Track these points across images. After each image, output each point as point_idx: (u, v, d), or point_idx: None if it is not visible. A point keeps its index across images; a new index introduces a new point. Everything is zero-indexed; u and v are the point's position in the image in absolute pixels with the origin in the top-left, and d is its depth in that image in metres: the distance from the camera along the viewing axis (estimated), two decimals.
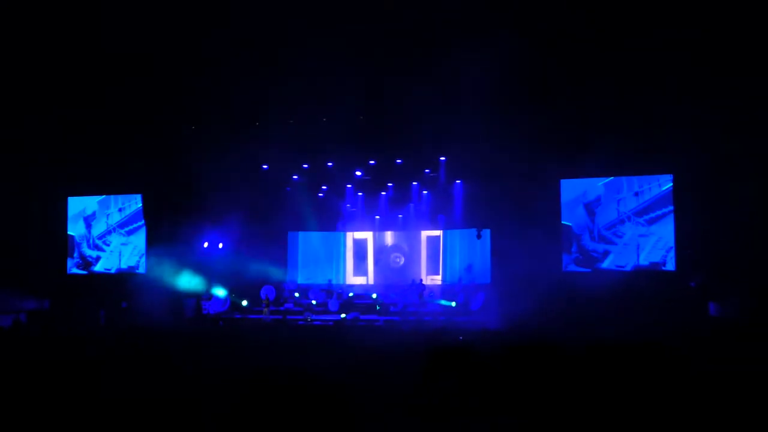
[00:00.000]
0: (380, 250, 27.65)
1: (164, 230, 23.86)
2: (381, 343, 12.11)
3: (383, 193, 26.49)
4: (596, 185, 21.98)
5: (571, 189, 22.26)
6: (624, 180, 21.74)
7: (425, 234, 27.12)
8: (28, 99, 21.95)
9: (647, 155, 20.66)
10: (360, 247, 27.90)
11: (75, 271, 26.21)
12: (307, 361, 8.40)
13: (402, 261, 27.12)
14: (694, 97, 19.10)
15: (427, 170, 24.87)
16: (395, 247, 27.59)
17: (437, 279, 26.48)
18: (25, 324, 21.72)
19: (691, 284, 20.08)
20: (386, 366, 7.72)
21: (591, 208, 21.96)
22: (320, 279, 26.97)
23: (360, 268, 27.86)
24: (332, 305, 24.06)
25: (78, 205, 26.35)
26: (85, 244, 26.25)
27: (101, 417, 5.42)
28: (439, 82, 20.13)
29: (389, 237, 27.70)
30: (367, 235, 27.74)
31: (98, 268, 26.06)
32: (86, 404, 5.74)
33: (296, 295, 25.32)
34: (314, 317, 22.62)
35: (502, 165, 21.19)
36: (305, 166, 25.08)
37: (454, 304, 23.75)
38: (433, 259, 27.12)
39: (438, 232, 26.80)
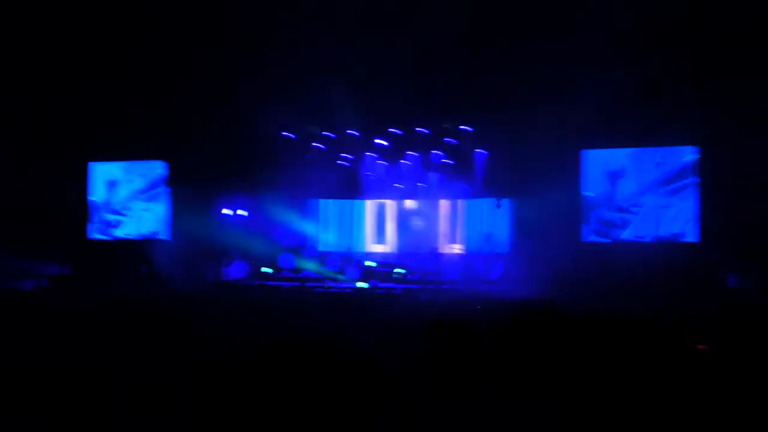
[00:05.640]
0: (401, 213, 27.65)
1: (186, 196, 23.93)
2: (398, 311, 12.15)
3: (404, 161, 26.46)
4: (620, 156, 21.90)
5: (594, 159, 22.17)
6: (647, 151, 21.64)
7: (445, 203, 27.08)
8: (51, 65, 22.04)
9: (671, 127, 20.53)
10: (380, 214, 27.92)
11: (96, 236, 26.37)
12: (324, 329, 8.45)
13: (422, 224, 27.03)
14: (718, 68, 19.00)
15: (448, 139, 24.77)
16: (415, 211, 27.55)
17: (456, 248, 26.47)
18: (47, 288, 21.98)
19: (711, 256, 20.04)
20: (403, 334, 7.75)
21: (614, 178, 21.89)
22: (340, 247, 27.08)
23: (379, 235, 27.87)
24: (351, 273, 24.13)
25: (100, 171, 26.45)
26: (106, 210, 26.37)
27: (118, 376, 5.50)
28: (461, 50, 20.11)
29: (410, 202, 27.68)
30: (388, 203, 27.76)
31: (119, 233, 26.21)
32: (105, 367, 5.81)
33: (314, 263, 25.39)
34: (332, 284, 22.70)
35: (524, 134, 21.19)
36: (327, 134, 25.10)
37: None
38: (453, 228, 27.09)
39: (458, 201, 26.77)
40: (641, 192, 21.60)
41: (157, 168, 25.71)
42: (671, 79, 19.94)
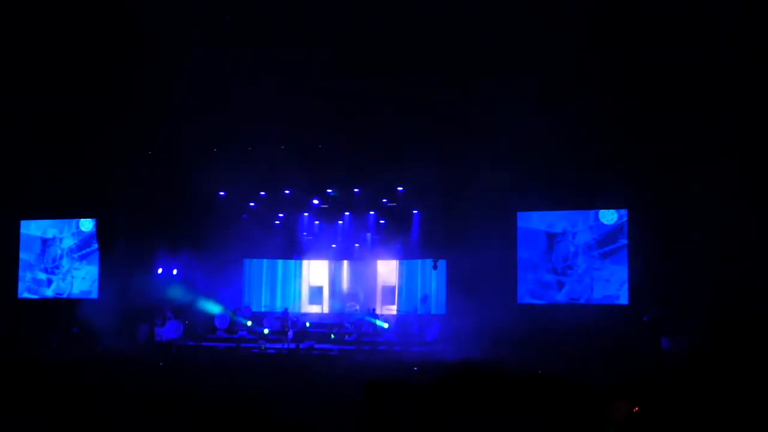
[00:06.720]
0: (337, 274, 27.52)
1: (118, 255, 23.57)
2: (334, 372, 12.08)
3: (340, 222, 26.44)
4: (554, 218, 22.11)
5: (529, 221, 22.37)
6: (579, 214, 21.90)
7: (381, 264, 27.04)
8: None
9: (601, 189, 20.88)
10: (316, 277, 27.80)
11: (26, 295, 25.78)
12: (259, 391, 8.35)
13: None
14: (646, 132, 19.54)
15: (384, 200, 24.82)
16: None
17: (392, 309, 26.38)
18: None
19: (643, 318, 20.25)
20: (339, 396, 7.70)
21: (550, 241, 22.08)
22: (275, 307, 26.79)
23: (315, 297, 27.71)
24: (287, 333, 23.85)
25: (30, 229, 25.95)
26: (37, 269, 25.84)
27: None
28: (399, 110, 20.31)
29: (345, 274, 27.50)
30: (323, 264, 27.67)
31: (50, 292, 25.65)
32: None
33: (249, 323, 25.05)
34: (268, 345, 22.41)
35: (460, 196, 21.38)
36: (262, 193, 24.98)
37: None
38: (389, 289, 27.02)
39: (394, 262, 26.73)
40: (575, 254, 21.83)
41: (89, 226, 25.33)
42: (603, 143, 20.37)
